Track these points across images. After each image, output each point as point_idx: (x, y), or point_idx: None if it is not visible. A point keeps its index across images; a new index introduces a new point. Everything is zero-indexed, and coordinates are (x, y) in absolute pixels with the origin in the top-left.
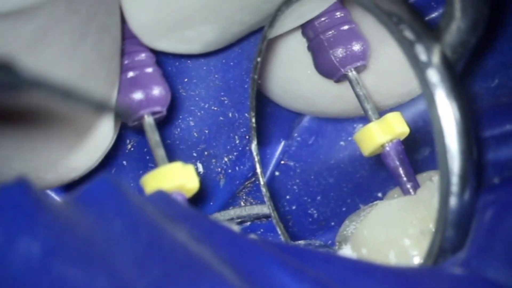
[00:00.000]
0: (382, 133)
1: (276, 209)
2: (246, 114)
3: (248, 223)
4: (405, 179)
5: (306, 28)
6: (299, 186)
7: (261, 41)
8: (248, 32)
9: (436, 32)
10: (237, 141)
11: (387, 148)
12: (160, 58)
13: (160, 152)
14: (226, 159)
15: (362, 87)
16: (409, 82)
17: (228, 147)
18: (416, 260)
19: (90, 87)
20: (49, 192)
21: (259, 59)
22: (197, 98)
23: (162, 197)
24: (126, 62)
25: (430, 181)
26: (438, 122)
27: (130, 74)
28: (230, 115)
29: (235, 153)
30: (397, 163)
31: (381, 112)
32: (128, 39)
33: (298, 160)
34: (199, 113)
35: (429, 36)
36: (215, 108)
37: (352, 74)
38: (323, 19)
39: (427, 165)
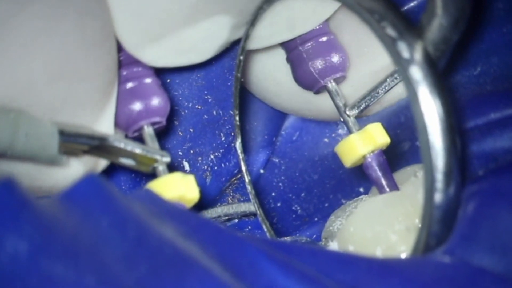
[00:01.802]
0: (363, 145)
1: (261, 206)
2: (231, 112)
3: (236, 221)
4: (387, 189)
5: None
6: (284, 183)
7: (243, 39)
8: (241, 35)
9: (418, 29)
10: (223, 138)
11: (369, 159)
12: None
13: None
14: (212, 156)
15: (342, 98)
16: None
17: (214, 144)
18: (404, 256)
19: (79, 71)
20: None
21: (241, 58)
22: (180, 98)
23: (148, 195)
24: (124, 73)
25: (414, 177)
26: (421, 119)
27: (129, 85)
28: (215, 113)
29: (221, 150)
30: (379, 173)
31: (360, 120)
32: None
33: (283, 157)
34: (183, 113)
35: (411, 33)
36: (199, 107)
37: (331, 85)
38: None
39: (407, 159)
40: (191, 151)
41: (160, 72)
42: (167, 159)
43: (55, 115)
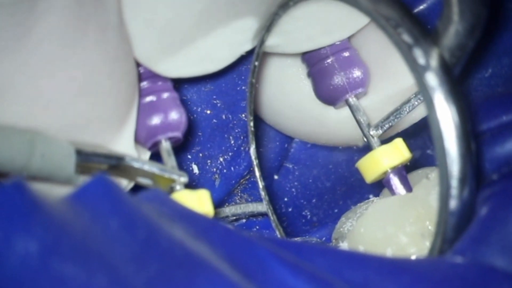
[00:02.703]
0: (390, 159)
1: (274, 211)
2: (240, 115)
3: (244, 220)
4: None
5: (306, 54)
6: (297, 189)
7: (258, 45)
8: (256, 40)
9: (434, 35)
10: (232, 142)
11: (391, 175)
12: None
13: None
14: (221, 159)
15: (363, 113)
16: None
17: (223, 148)
18: (414, 258)
19: (102, 88)
20: None
21: (256, 63)
22: (189, 103)
23: (157, 196)
24: (143, 86)
25: (426, 179)
26: (437, 125)
27: (148, 98)
28: (224, 117)
29: (230, 154)
30: (401, 187)
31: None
32: None
33: (296, 163)
34: (191, 117)
35: (427, 39)
36: (208, 112)
37: (352, 100)
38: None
39: (418, 166)
40: (200, 155)
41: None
42: (184, 179)
43: (78, 133)
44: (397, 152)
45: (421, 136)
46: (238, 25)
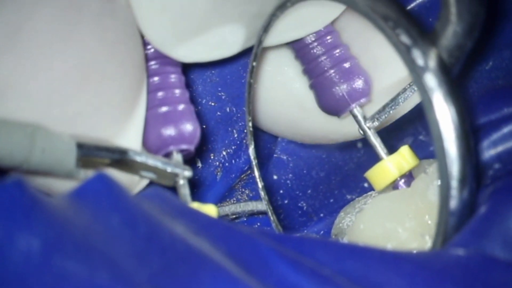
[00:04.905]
0: (398, 168)
1: (273, 207)
2: (244, 108)
3: (244, 219)
4: None
5: (309, 66)
6: (291, 181)
7: (256, 45)
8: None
9: (432, 36)
10: (235, 135)
11: (400, 182)
12: None
13: (184, 191)
14: (224, 153)
15: (366, 120)
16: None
17: (226, 141)
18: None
19: (105, 74)
20: None
21: (254, 64)
22: (194, 94)
23: (157, 193)
24: (160, 96)
25: (424, 173)
26: (436, 126)
27: (164, 108)
28: (228, 109)
29: (233, 147)
30: None
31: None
32: (164, 74)
33: (291, 154)
34: (196, 109)
35: (426, 40)
36: (213, 104)
37: (357, 110)
38: (324, 57)
39: None
40: (204, 148)
41: None
42: (189, 173)
43: (84, 124)
44: (405, 161)
45: (413, 123)
46: (252, 11)
